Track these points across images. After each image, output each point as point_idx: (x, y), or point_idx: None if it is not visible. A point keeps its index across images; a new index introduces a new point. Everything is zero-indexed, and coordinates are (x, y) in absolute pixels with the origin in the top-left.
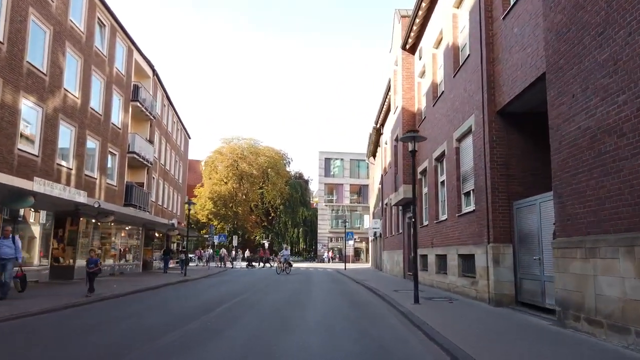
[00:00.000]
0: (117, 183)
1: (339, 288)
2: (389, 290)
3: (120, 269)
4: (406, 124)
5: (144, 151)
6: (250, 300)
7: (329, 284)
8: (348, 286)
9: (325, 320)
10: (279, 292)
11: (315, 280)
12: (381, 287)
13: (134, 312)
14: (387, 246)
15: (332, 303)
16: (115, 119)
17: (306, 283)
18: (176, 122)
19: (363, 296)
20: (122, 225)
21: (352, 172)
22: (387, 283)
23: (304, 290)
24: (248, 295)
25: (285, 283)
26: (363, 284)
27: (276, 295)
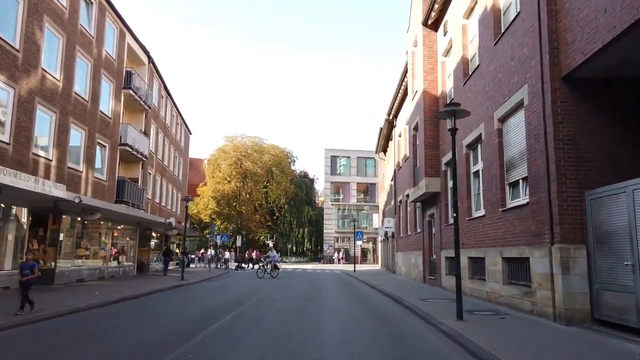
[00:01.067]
0: (107, 178)
1: (354, 295)
2: (414, 299)
3: (112, 272)
4: (428, 110)
5: (138, 144)
6: (251, 316)
7: (341, 289)
8: (364, 293)
9: (349, 343)
10: (285, 301)
11: (324, 285)
12: (403, 294)
13: (69, 343)
14: (402, 247)
15: (351, 316)
16: (104, 107)
17: (315, 288)
18: (176, 116)
19: (386, 306)
20: (113, 224)
21: (359, 170)
22: (407, 289)
23: (314, 297)
24: (249, 306)
25: (291, 288)
26: (380, 289)
27: (282, 304)
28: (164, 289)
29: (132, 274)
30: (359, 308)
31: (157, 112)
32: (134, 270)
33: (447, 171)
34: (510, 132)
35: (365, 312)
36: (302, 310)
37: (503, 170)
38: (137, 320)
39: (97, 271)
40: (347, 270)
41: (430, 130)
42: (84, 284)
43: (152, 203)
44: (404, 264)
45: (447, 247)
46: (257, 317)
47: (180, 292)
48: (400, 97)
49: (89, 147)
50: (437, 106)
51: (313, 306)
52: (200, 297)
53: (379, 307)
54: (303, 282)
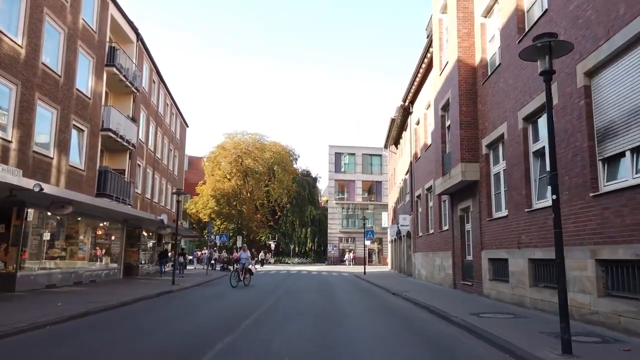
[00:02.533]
0: (85, 167)
1: (380, 307)
2: (463, 314)
3: (92, 275)
4: (464, 82)
5: (125, 130)
6: (251, 347)
7: (360, 298)
8: (390, 303)
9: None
10: (301, 317)
11: (337, 291)
12: (443, 305)
13: None
14: (422, 247)
15: (390, 342)
16: (82, 85)
17: (327, 297)
18: (170, 105)
19: (433, 326)
20: (95, 221)
21: (364, 167)
22: (441, 298)
23: (332, 312)
24: (248, 328)
25: (303, 295)
26: (409, 298)
27: (295, 325)
28: (148, 296)
29: (118, 278)
30: (396, 330)
31: (148, 98)
32: (120, 273)
33: (490, 155)
34: (606, 87)
35: (409, 337)
36: (323, 334)
37: (593, 142)
38: (82, 353)
39: (72, 275)
40: (355, 272)
41: (467, 107)
42: (54, 290)
43: (142, 199)
44: (424, 266)
45: (490, 247)
46: (261, 348)
47: (167, 301)
48: (420, 79)
49: (62, 130)
50: (475, 77)
51: (337, 331)
52: (190, 308)
53: (423, 327)
54: (311, 288)
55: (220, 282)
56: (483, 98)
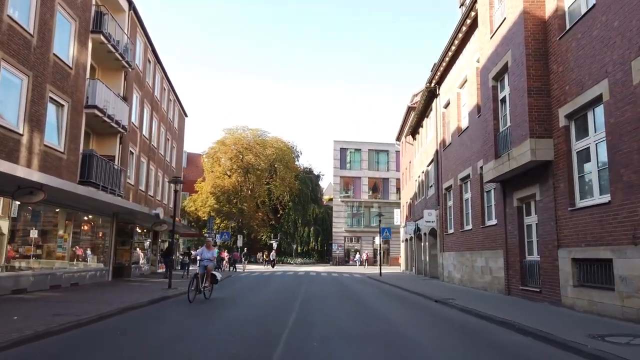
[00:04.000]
0: (65, 148)
1: (434, 319)
2: (574, 335)
3: (74, 277)
4: (532, 39)
5: (114, 109)
6: None
7: (401, 307)
8: (449, 316)
9: None
10: (351, 345)
11: (367, 298)
12: (523, 319)
13: None
14: (454, 246)
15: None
16: (62, 52)
17: (362, 306)
18: (167, 90)
19: (542, 353)
20: (77, 214)
21: (370, 164)
22: (504, 307)
23: (388, 335)
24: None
25: (330, 304)
26: (464, 308)
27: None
28: (137, 305)
29: (106, 280)
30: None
31: (142, 78)
32: (109, 275)
33: (571, 127)
34: None
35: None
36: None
37: None
38: None
39: (48, 277)
40: (368, 273)
41: (536, 69)
42: (21, 297)
43: (135, 190)
44: (458, 268)
45: (575, 244)
46: None
47: (158, 312)
48: (452, 55)
49: (35, 101)
50: (546, 32)
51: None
52: (186, 326)
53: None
54: (335, 296)
55: (223, 286)
56: (560, 56)
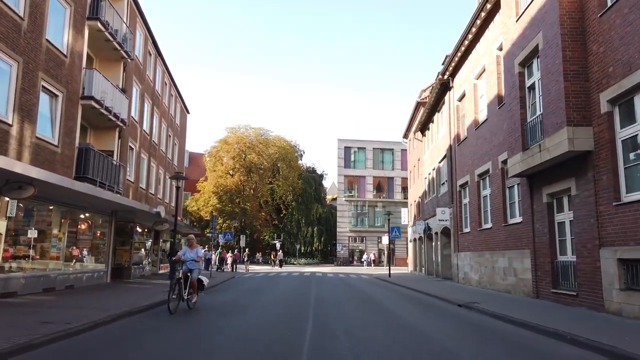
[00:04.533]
0: (60, 142)
1: (469, 329)
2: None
3: (69, 279)
4: (568, 18)
5: (112, 102)
6: None
7: (426, 313)
8: (482, 324)
9: None
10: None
11: (385, 302)
12: (574, 329)
13: None
14: (472, 245)
15: None
16: (55, 38)
17: (383, 312)
18: (169, 85)
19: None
20: (73, 211)
21: (375, 162)
22: (539, 312)
23: (425, 348)
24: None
25: (347, 310)
26: (496, 314)
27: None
28: (133, 310)
29: (104, 281)
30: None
31: (142, 71)
32: (107, 276)
33: (615, 113)
34: None
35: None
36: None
37: None
38: None
39: (41, 279)
40: (375, 274)
41: (573, 51)
42: (8, 301)
43: (135, 188)
44: (475, 268)
45: (619, 243)
46: None
47: (155, 320)
48: (468, 44)
49: (26, 90)
50: (582, 10)
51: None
52: (189, 337)
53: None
54: (349, 299)
55: (227, 288)
56: (601, 35)
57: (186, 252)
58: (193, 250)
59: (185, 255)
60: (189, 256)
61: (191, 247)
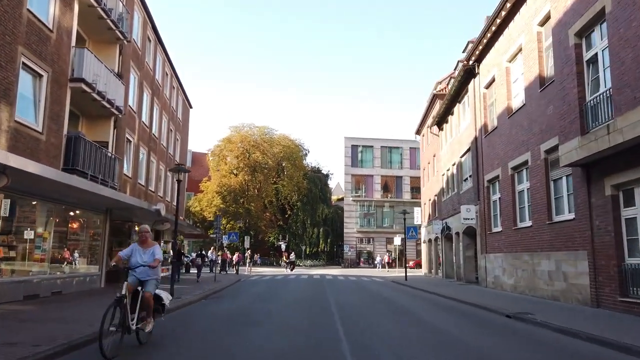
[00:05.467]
0: (44, 128)
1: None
2: None
3: (56, 284)
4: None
5: (105, 86)
6: None
7: (477, 329)
8: (578, 348)
9: None
10: None
11: (420, 313)
12: None
13: None
14: (505, 246)
15: None
16: (39, 10)
17: (425, 327)
18: (170, 76)
19: None
20: (62, 208)
21: (383, 161)
22: (619, 327)
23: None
24: None
25: (389, 348)
26: (565, 329)
27: None
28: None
29: (97, 286)
30: None
31: (141, 57)
32: (101, 281)
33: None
34: None
35: None
36: None
37: None
38: None
39: (22, 285)
40: (389, 277)
41: None
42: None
43: (132, 184)
44: (509, 272)
45: None
46: None
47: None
48: (500, 23)
49: (2, 65)
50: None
51: None
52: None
53: None
54: (377, 310)
55: (234, 293)
56: None
57: (134, 252)
58: (147, 250)
59: (133, 258)
60: (139, 259)
61: (144, 245)
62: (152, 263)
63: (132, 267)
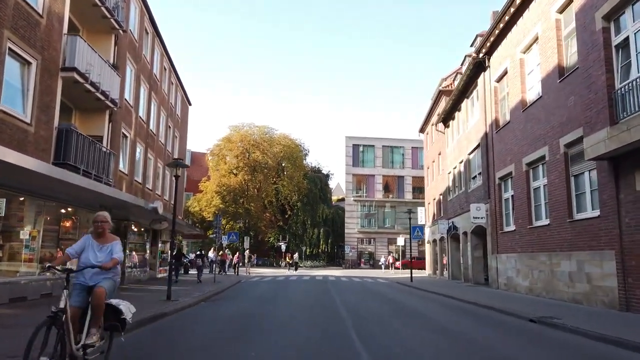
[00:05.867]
0: (33, 119)
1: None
2: None
3: (46, 286)
4: None
5: (100, 77)
6: None
7: (497, 334)
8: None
9: None
10: None
11: (434, 316)
12: None
13: None
14: (519, 246)
15: None
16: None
17: (446, 335)
18: (168, 70)
19: None
20: (52, 205)
21: (384, 161)
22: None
23: None
24: None
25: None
26: (609, 337)
27: None
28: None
29: None
30: None
31: (137, 49)
32: None
33: None
34: None
35: None
36: None
37: None
38: None
39: (8, 287)
40: (393, 277)
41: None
42: None
43: (129, 181)
44: (524, 273)
45: None
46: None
47: (138, 345)
48: (514, 12)
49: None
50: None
51: None
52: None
53: None
54: (388, 314)
55: (235, 296)
56: None
57: (87, 248)
58: (105, 247)
59: (84, 255)
60: (92, 258)
61: (100, 239)
62: (106, 264)
63: (80, 268)
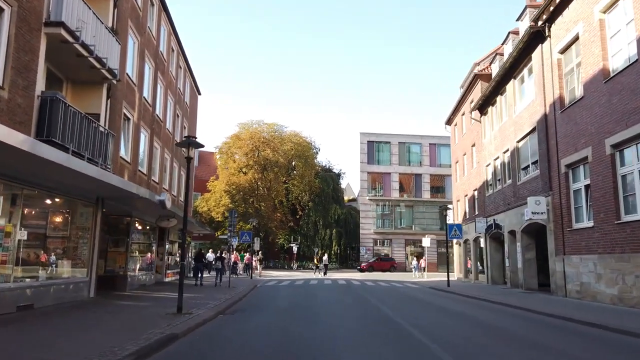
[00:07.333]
0: (6, 83)
1: None
2: None
3: (27, 296)
4: None
5: (95, 39)
6: None
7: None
8: None
9: None
10: None
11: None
12: None
13: None
14: (600, 246)
15: None
16: None
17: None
18: (177, 52)
19: None
20: (36, 194)
21: (401, 158)
22: None
23: None
24: None
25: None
26: None
27: None
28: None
29: (85, 296)
30: None
31: (141, 19)
32: (90, 288)
33: None
34: None
35: None
36: None
37: None
38: None
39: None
40: (421, 281)
41: None
42: None
43: (132, 170)
44: (608, 278)
45: None
46: None
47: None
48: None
49: None
50: None
51: None
52: None
53: None
54: (469, 330)
55: (257, 305)
56: None
57: None
58: None
59: None
60: None
61: None
62: None
63: None
